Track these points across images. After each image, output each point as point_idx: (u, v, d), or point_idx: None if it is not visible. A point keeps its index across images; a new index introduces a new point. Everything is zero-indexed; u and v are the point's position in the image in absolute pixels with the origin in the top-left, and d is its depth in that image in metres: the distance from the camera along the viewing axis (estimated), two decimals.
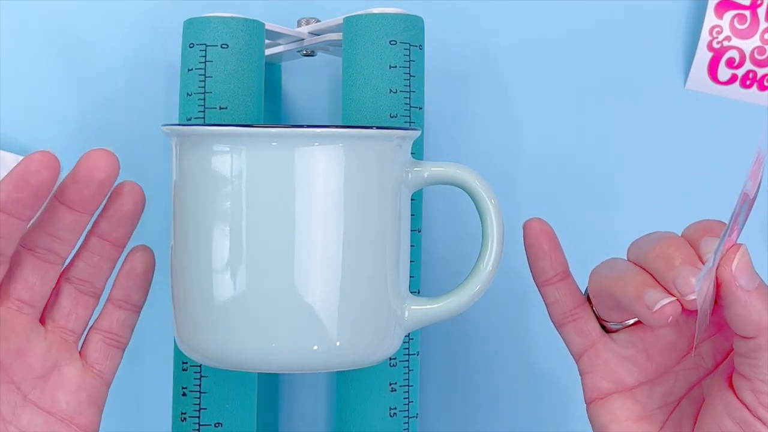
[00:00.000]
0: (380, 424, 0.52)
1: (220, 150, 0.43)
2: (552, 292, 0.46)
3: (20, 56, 0.59)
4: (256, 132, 0.43)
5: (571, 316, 0.46)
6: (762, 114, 0.60)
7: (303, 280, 0.43)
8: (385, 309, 0.45)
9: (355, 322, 0.44)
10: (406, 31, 0.52)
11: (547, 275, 0.46)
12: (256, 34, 0.52)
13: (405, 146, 0.46)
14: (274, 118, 0.59)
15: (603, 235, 0.61)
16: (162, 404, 0.58)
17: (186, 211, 0.45)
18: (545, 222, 0.46)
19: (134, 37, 0.60)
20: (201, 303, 0.44)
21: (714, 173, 0.61)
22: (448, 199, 0.60)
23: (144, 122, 0.59)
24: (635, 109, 0.61)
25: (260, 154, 0.43)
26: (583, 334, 0.46)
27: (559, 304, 0.46)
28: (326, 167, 0.43)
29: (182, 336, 0.46)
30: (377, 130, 0.45)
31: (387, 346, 0.46)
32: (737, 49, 0.60)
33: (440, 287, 0.60)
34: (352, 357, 0.45)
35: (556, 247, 0.46)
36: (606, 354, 0.45)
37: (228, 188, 0.43)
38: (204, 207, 0.44)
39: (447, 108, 0.60)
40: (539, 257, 0.46)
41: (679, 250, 0.41)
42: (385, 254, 0.45)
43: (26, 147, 0.59)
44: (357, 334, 0.44)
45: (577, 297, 0.46)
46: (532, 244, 0.46)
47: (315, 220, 0.43)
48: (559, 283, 0.46)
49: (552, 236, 0.46)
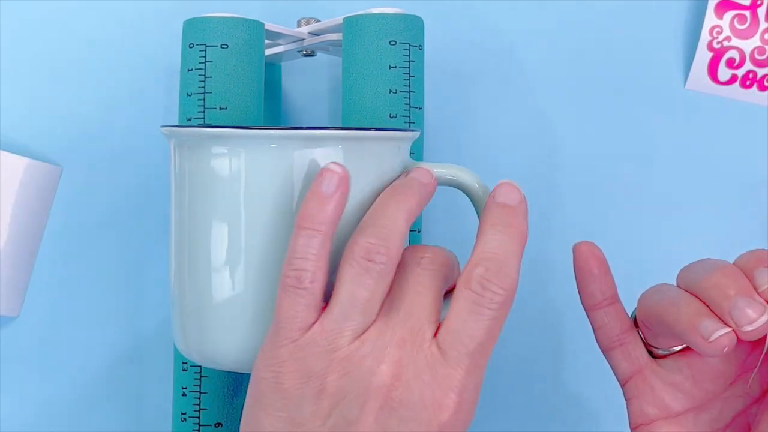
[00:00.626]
0: None
1: (218, 152, 0.43)
2: (600, 316, 0.46)
3: (20, 56, 0.59)
4: (254, 134, 0.43)
5: (619, 341, 0.46)
6: (762, 114, 0.60)
7: None
8: None
9: None
10: (406, 31, 0.52)
11: (596, 300, 0.46)
12: (256, 34, 0.52)
13: (404, 147, 0.46)
14: (274, 118, 0.59)
15: (603, 235, 0.60)
16: (162, 404, 0.58)
17: (184, 212, 0.45)
18: (595, 245, 0.46)
19: (134, 37, 0.60)
20: (199, 303, 0.44)
21: (714, 173, 0.61)
22: (448, 199, 0.60)
23: (144, 122, 0.59)
24: (635, 109, 0.61)
25: (259, 156, 0.43)
26: (630, 360, 0.45)
27: (607, 328, 0.46)
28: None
29: (181, 336, 0.46)
30: (376, 131, 0.44)
31: None
32: (737, 49, 0.60)
33: None
34: None
35: (605, 271, 0.46)
36: (652, 380, 0.45)
37: (226, 190, 0.43)
38: (202, 208, 0.44)
39: (447, 108, 0.60)
40: (589, 282, 0.46)
41: (734, 280, 0.41)
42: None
43: (26, 147, 0.59)
44: None
45: (625, 322, 0.46)
46: (581, 267, 0.46)
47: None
48: (608, 307, 0.46)
49: (602, 260, 0.46)
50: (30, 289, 0.59)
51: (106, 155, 0.59)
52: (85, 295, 0.59)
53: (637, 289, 0.60)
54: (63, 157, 0.59)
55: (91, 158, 0.59)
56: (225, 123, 0.51)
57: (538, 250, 0.60)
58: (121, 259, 0.59)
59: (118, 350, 0.60)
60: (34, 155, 0.59)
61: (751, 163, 0.61)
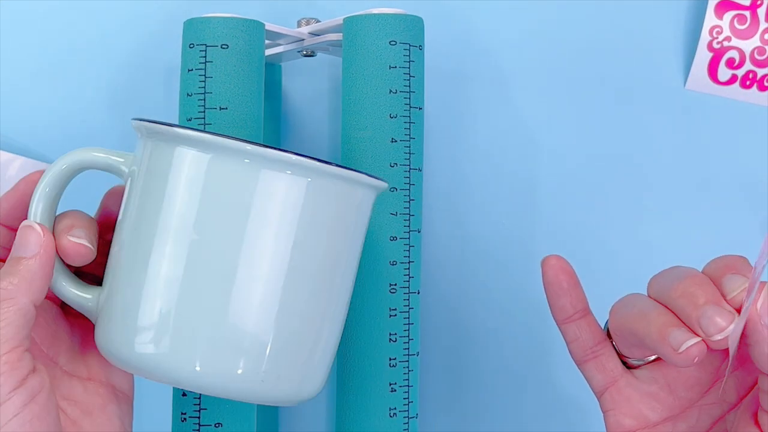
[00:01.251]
0: (380, 424, 0.52)
1: (183, 153, 0.41)
2: (572, 329, 0.46)
3: (20, 56, 0.59)
4: (225, 143, 0.41)
5: (592, 353, 0.45)
6: (762, 114, 0.60)
7: (239, 302, 0.41)
8: (317, 348, 0.44)
9: (284, 354, 0.42)
10: (405, 31, 0.52)
11: (567, 313, 0.45)
12: (256, 34, 0.52)
13: (369, 198, 0.44)
14: (274, 119, 0.59)
15: (602, 235, 0.61)
16: (162, 404, 0.58)
17: (134, 209, 0.43)
18: (563, 259, 0.45)
19: (134, 37, 0.60)
20: (128, 303, 0.42)
21: (714, 173, 0.61)
22: (448, 199, 0.60)
23: None
24: (635, 109, 0.61)
25: (226, 166, 0.41)
26: (604, 372, 0.45)
27: (580, 342, 0.45)
28: (287, 195, 0.41)
29: (103, 333, 0.44)
30: (348, 171, 0.43)
31: (310, 387, 0.44)
32: (737, 49, 0.60)
33: (440, 287, 0.60)
34: (275, 390, 0.43)
35: (575, 284, 0.45)
36: (628, 391, 0.45)
37: (182, 191, 0.41)
38: (153, 206, 0.42)
39: (447, 108, 0.60)
40: (559, 295, 0.45)
41: (702, 288, 0.40)
42: (329, 297, 0.44)
43: (26, 147, 0.59)
44: (284, 367, 0.42)
45: (598, 334, 0.46)
46: (550, 282, 0.45)
47: (263, 244, 0.41)
48: (579, 320, 0.45)
49: (571, 274, 0.45)
50: None
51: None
52: None
53: (636, 288, 0.60)
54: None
55: None
56: (225, 123, 0.51)
57: (537, 250, 0.60)
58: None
59: None
60: (34, 155, 0.59)
61: (751, 163, 0.61)
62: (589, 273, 0.46)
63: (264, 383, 0.42)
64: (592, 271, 0.59)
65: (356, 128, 0.52)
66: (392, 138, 0.51)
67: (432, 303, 0.60)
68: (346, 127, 0.52)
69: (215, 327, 0.41)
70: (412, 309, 0.52)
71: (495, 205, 0.60)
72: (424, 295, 0.57)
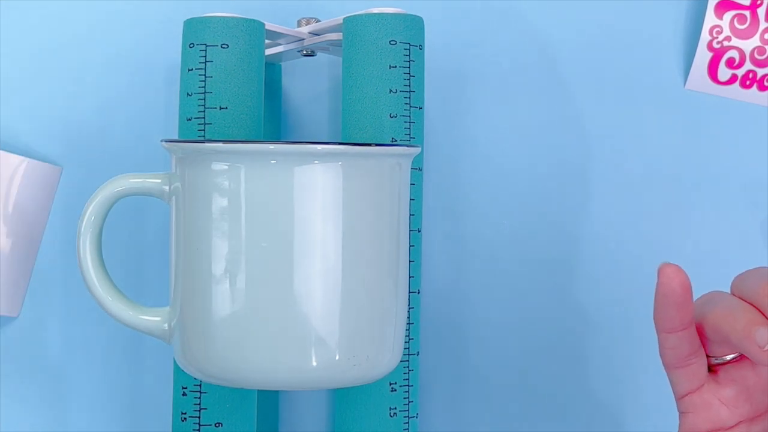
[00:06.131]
0: (380, 424, 0.52)
1: (218, 168, 0.43)
2: (672, 339, 0.45)
3: (20, 56, 0.59)
4: (255, 149, 0.43)
5: (686, 362, 0.45)
6: (762, 114, 0.60)
7: (302, 298, 0.43)
8: (385, 324, 0.45)
9: (354, 338, 0.44)
10: (406, 31, 0.52)
11: (674, 325, 0.44)
12: (256, 34, 0.52)
13: (405, 165, 0.46)
14: (274, 118, 0.59)
15: (602, 234, 0.61)
16: (162, 404, 0.58)
17: (185, 228, 0.45)
18: (682, 271, 0.44)
19: (134, 37, 0.60)
20: (199, 320, 0.44)
21: (714, 173, 0.61)
22: (448, 199, 0.60)
23: (144, 122, 0.59)
24: (635, 109, 0.61)
25: (259, 172, 0.43)
26: (692, 380, 0.45)
27: (677, 350, 0.45)
28: (324, 184, 0.43)
29: (180, 351, 0.46)
30: (377, 147, 0.44)
31: (386, 361, 0.46)
32: (737, 49, 0.60)
33: (440, 287, 0.60)
34: (352, 372, 0.45)
35: (689, 299, 0.44)
36: (708, 395, 0.45)
37: (227, 205, 0.43)
38: (203, 223, 0.44)
39: (447, 108, 0.60)
40: (671, 308, 0.44)
41: None
42: (385, 270, 0.45)
43: (26, 147, 0.59)
44: (356, 350, 0.44)
45: (695, 343, 0.45)
46: (665, 294, 0.44)
47: (314, 237, 0.43)
48: (682, 332, 0.45)
49: (688, 288, 0.44)
50: (30, 289, 0.59)
51: (106, 155, 0.59)
52: (85, 295, 0.59)
53: (636, 288, 0.60)
54: (63, 157, 0.60)
55: (91, 158, 0.59)
56: (225, 123, 0.51)
57: (536, 250, 0.60)
58: (121, 259, 0.59)
59: (118, 350, 0.60)
60: (34, 155, 0.59)
61: (751, 163, 0.61)
62: (589, 273, 0.46)
63: (340, 362, 0.44)
64: (592, 270, 0.59)
65: (356, 128, 0.52)
66: (392, 138, 0.51)
67: (432, 303, 0.60)
68: (346, 126, 0.52)
69: (286, 326, 0.43)
70: (412, 309, 0.52)
71: (495, 205, 0.60)
72: (424, 295, 0.57)
